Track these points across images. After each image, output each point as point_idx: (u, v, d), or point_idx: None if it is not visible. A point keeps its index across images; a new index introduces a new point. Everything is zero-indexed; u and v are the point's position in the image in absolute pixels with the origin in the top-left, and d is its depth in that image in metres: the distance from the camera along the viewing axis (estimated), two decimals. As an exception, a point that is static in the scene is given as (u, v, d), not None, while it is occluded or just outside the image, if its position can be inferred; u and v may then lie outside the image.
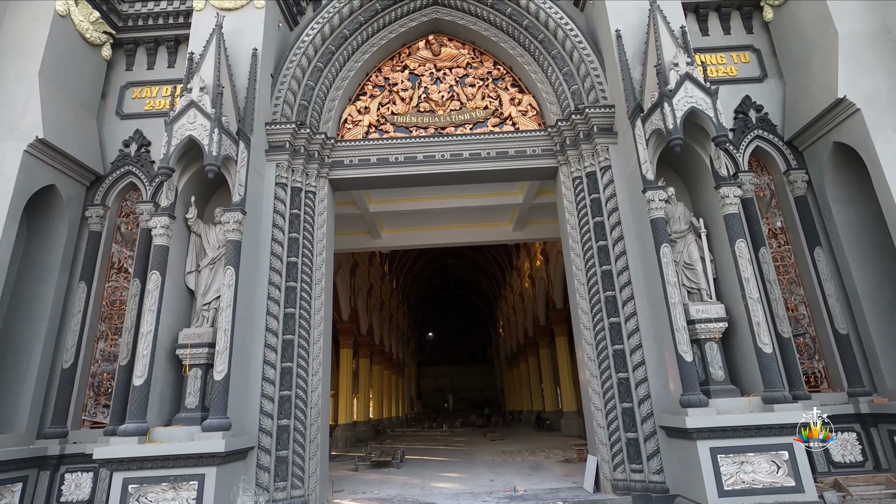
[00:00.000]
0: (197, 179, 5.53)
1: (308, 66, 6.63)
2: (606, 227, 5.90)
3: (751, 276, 4.93)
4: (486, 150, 6.67)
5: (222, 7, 6.23)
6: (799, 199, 6.23)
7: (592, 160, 6.18)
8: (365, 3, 6.90)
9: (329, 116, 6.79)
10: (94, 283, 6.18)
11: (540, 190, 8.95)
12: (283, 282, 5.82)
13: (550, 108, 6.76)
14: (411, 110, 7.11)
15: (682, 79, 5.14)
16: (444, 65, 7.32)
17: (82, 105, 6.49)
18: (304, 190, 6.27)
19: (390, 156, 6.69)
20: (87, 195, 6.46)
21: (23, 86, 5.74)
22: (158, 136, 6.57)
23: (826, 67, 5.77)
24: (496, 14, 6.98)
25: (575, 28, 6.51)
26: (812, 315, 6.02)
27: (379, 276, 20.20)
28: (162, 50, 7.22)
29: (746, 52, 6.90)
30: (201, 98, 5.28)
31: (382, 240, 10.93)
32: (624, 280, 5.67)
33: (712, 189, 5.27)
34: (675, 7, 5.99)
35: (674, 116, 4.97)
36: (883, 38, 5.65)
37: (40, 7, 6.13)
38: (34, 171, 5.65)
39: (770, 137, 6.42)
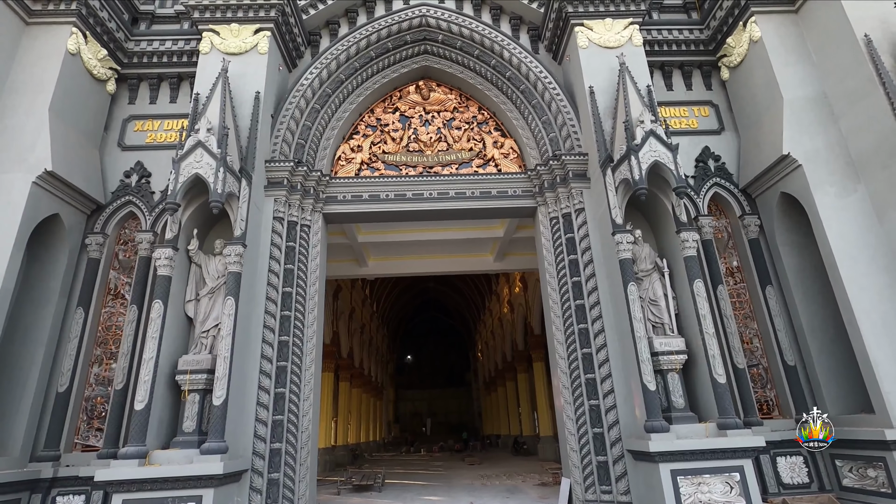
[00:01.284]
0: (199, 213, 5.88)
1: (306, 107, 7.09)
2: (580, 265, 6.43)
3: (707, 313, 5.49)
4: (470, 190, 7.20)
5: (227, 52, 6.67)
6: (752, 241, 6.87)
7: (568, 202, 6.74)
8: (361, 51, 7.44)
9: (324, 154, 7.24)
10: (92, 309, 6.39)
11: (520, 225, 9.51)
12: (279, 311, 6.15)
13: (530, 153, 7.36)
14: (401, 150, 7.61)
15: (647, 135, 5.77)
16: (433, 108, 7.88)
17: (87, 137, 6.79)
18: (299, 223, 6.66)
19: (381, 193, 7.15)
20: (87, 223, 6.70)
21: (33, 120, 6.04)
22: (158, 167, 6.98)
23: (773, 126, 6.49)
24: (482, 65, 7.60)
25: (553, 81, 7.15)
26: (764, 348, 6.61)
27: (361, 300, 20.44)
28: (164, 86, 7.59)
29: (706, 106, 7.63)
30: (208, 139, 5.68)
31: (369, 268, 11.32)
32: (595, 314, 6.18)
33: (674, 232, 5.87)
34: (642, 67, 6.67)
35: (640, 168, 5.57)
36: (821, 102, 6.40)
37: (52, 45, 6.46)
38: (41, 201, 5.92)
39: (727, 185, 7.09)
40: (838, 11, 6.19)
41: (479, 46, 7.52)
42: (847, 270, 5.59)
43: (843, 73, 6.14)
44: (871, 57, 5.76)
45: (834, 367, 6.11)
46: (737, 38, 7.15)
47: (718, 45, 7.49)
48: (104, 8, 6.89)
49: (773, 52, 6.64)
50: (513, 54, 7.35)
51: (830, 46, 6.32)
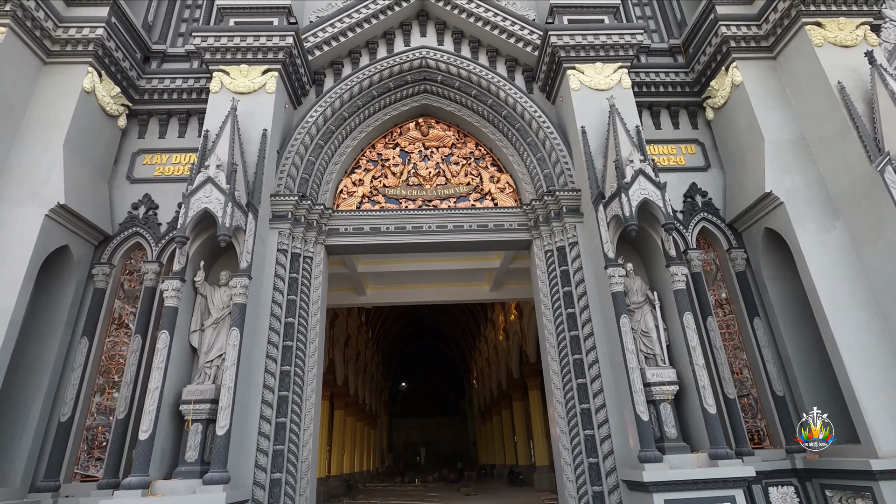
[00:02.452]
0: (206, 245, 6.07)
1: (310, 143, 7.39)
2: (574, 297, 6.65)
3: (697, 344, 5.69)
4: (468, 223, 7.46)
5: (237, 91, 6.98)
6: (739, 274, 7.13)
7: (562, 236, 7.00)
8: (363, 90, 7.80)
9: (327, 188, 7.50)
10: (96, 338, 6.50)
11: (516, 256, 9.76)
12: (281, 341, 6.29)
13: (525, 188, 7.66)
14: (401, 184, 7.90)
15: (637, 174, 6.07)
16: (432, 144, 8.21)
17: (97, 170, 7.02)
18: (302, 255, 6.86)
19: (382, 225, 7.39)
20: (94, 254, 6.87)
21: (48, 155, 6.26)
22: (165, 199, 7.20)
23: (756, 165, 6.84)
24: (479, 104, 7.96)
25: (547, 120, 7.51)
26: (754, 378, 6.79)
27: (356, 327, 20.47)
28: (174, 121, 7.87)
29: (693, 144, 8.00)
30: (217, 175, 5.92)
31: (367, 296, 11.48)
32: (590, 345, 6.37)
33: (664, 266, 6.11)
34: (631, 109, 7.02)
35: (630, 205, 5.85)
36: (800, 144, 6.76)
37: (69, 84, 6.73)
38: (52, 233, 6.10)
39: (714, 220, 7.38)
40: (813, 60, 6.61)
41: (477, 87, 7.90)
42: (829, 304, 5.83)
43: (820, 118, 6.53)
44: (845, 103, 6.14)
45: (821, 398, 6.27)
46: (720, 82, 7.57)
47: (703, 87, 7.91)
48: (119, 48, 7.22)
49: (754, 95, 7.04)
50: (508, 94, 7.73)
51: (807, 92, 6.73)
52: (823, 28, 6.77)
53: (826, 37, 6.70)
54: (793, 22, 6.90)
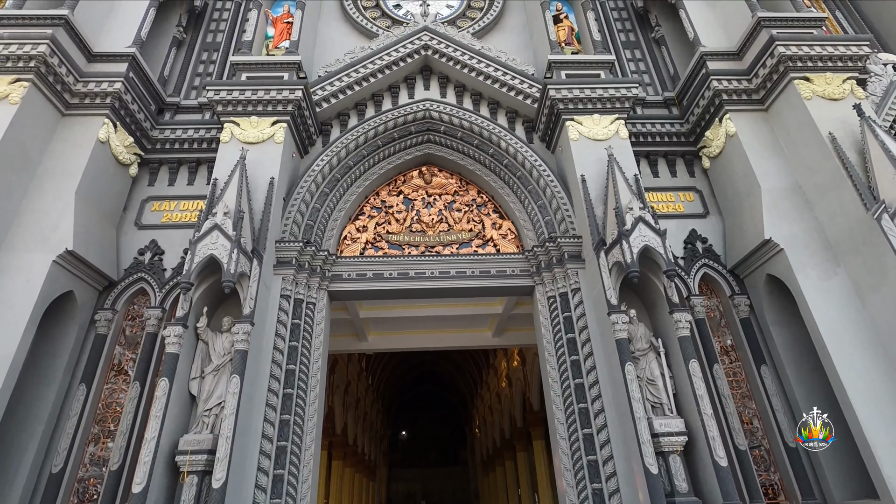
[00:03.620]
0: (209, 291, 6.10)
1: (316, 191, 7.55)
2: (578, 344, 6.59)
3: (704, 393, 5.59)
4: (470, 269, 7.50)
5: (246, 141, 7.20)
6: (744, 320, 7.08)
7: (564, 282, 7.02)
8: (368, 140, 8.04)
9: (331, 234, 7.60)
10: (94, 386, 6.41)
11: (518, 301, 9.74)
12: (281, 388, 6.20)
13: (527, 234, 7.75)
14: (404, 230, 8.00)
15: (637, 221, 6.17)
16: (435, 191, 8.38)
17: (107, 216, 7.14)
18: (305, 301, 6.86)
19: (385, 271, 7.44)
20: (98, 299, 6.90)
21: (60, 203, 6.39)
22: (171, 245, 7.29)
23: (754, 212, 6.94)
24: (481, 153, 8.19)
25: (547, 169, 7.69)
26: (765, 428, 6.61)
27: (357, 373, 20.13)
28: (183, 169, 8.07)
29: (691, 192, 8.13)
30: (224, 222, 6.03)
31: (368, 342, 11.37)
32: (595, 393, 6.26)
33: (668, 313, 6.09)
34: (629, 158, 7.20)
35: (631, 252, 5.91)
36: (797, 192, 6.89)
37: (85, 134, 6.96)
38: (58, 279, 6.15)
39: (715, 266, 7.41)
40: (803, 112, 6.85)
41: (479, 137, 8.15)
42: (836, 352, 5.77)
43: (813, 167, 6.68)
44: (838, 153, 6.30)
45: (836, 449, 6.06)
46: (714, 132, 7.80)
47: (698, 137, 8.15)
48: (135, 101, 7.52)
49: (748, 146, 7.23)
50: (509, 144, 7.96)
51: (799, 142, 6.92)
52: (811, 82, 7.04)
53: (814, 90, 6.96)
54: (781, 77, 7.19)
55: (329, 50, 9.04)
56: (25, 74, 6.53)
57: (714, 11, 8.64)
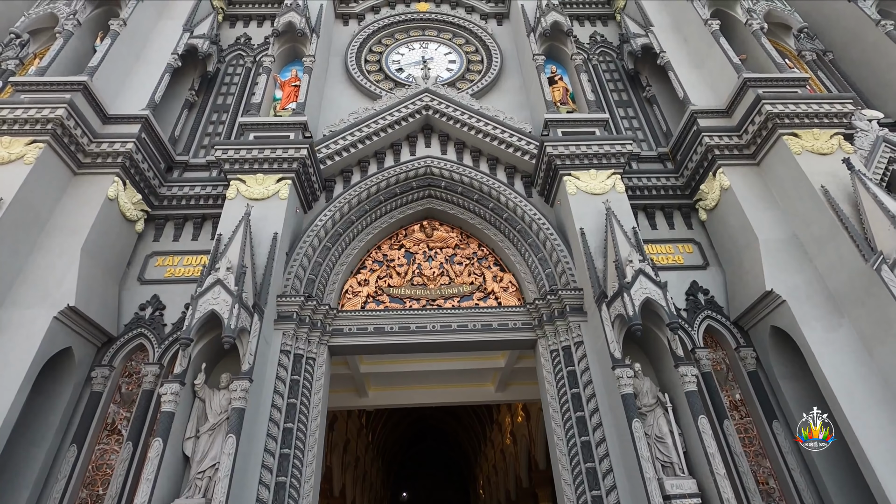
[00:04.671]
0: (209, 347, 6.05)
1: (318, 245, 7.64)
2: (583, 399, 6.44)
3: (715, 451, 5.40)
4: (472, 323, 7.45)
5: (251, 197, 7.36)
6: (751, 373, 6.95)
7: (567, 335, 6.95)
8: (371, 195, 8.23)
9: (333, 288, 7.62)
10: (85, 447, 6.22)
11: (521, 355, 9.60)
12: (278, 448, 6.00)
13: (528, 287, 7.76)
14: (406, 284, 8.02)
15: (637, 273, 6.19)
16: (436, 245, 8.47)
17: (110, 272, 7.19)
18: (305, 357, 6.78)
19: (386, 325, 7.39)
20: (96, 355, 6.82)
21: (65, 259, 6.46)
22: (173, 300, 7.29)
23: (753, 264, 6.96)
24: (481, 207, 8.34)
25: (546, 222, 7.81)
26: (781, 489, 6.33)
27: (356, 430, 19.51)
28: (189, 225, 8.19)
29: (689, 244, 8.19)
30: (227, 277, 6.06)
31: (369, 398, 11.11)
32: (602, 452, 6.04)
33: (673, 366, 5.98)
34: (627, 211, 7.31)
35: (632, 305, 5.89)
36: (794, 243, 6.95)
37: (94, 192, 7.12)
38: (57, 335, 6.11)
39: (718, 318, 7.35)
40: (794, 166, 7.03)
41: (479, 192, 8.33)
42: (848, 406, 5.62)
43: (808, 219, 6.78)
44: (832, 206, 6.40)
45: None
46: (709, 186, 7.96)
47: (693, 190, 8.32)
48: (146, 160, 7.76)
49: (743, 199, 7.37)
50: (509, 198, 8.12)
51: (793, 195, 7.06)
52: (800, 138, 7.27)
53: (803, 145, 7.18)
54: (770, 133, 7.44)
55: (334, 111, 9.42)
56: (42, 136, 6.79)
57: (701, 72, 9.06)
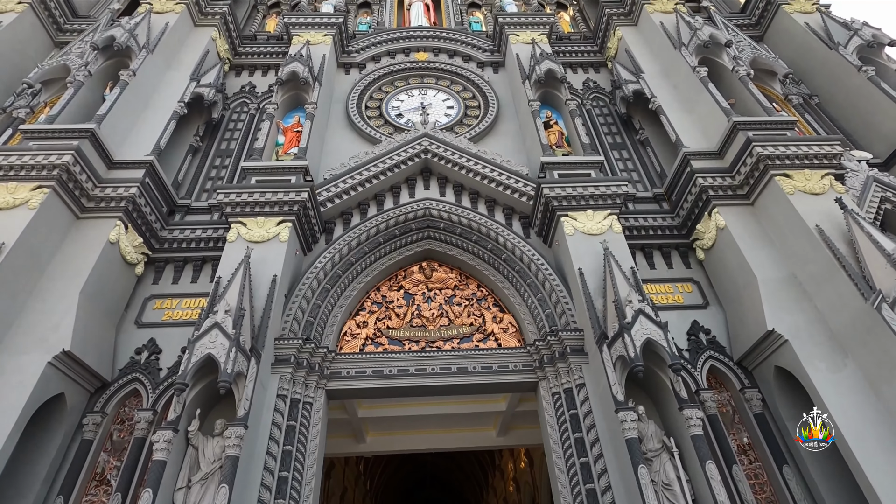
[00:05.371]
0: (204, 392, 5.93)
1: (318, 287, 7.64)
2: (586, 444, 6.27)
3: (725, 499, 5.21)
4: (472, 365, 7.35)
5: (252, 240, 7.41)
6: (758, 416, 6.79)
7: (568, 377, 6.85)
8: (371, 237, 8.29)
9: (331, 330, 7.56)
10: (72, 498, 6.01)
11: (522, 398, 9.41)
12: (272, 499, 5.78)
13: (528, 328, 7.70)
14: (405, 325, 7.97)
15: (637, 314, 6.16)
16: (435, 286, 8.46)
17: (108, 316, 7.14)
18: (302, 401, 6.65)
19: (385, 368, 7.28)
20: (88, 402, 6.69)
21: (63, 304, 6.43)
22: (170, 344, 7.21)
23: (753, 302, 6.94)
24: (479, 248, 8.40)
25: (545, 262, 7.83)
26: (797, 540, 6.07)
27: (354, 478, 18.83)
28: (188, 267, 8.20)
29: (689, 283, 8.19)
30: (224, 320, 6.02)
31: (367, 444, 10.79)
32: (608, 500, 5.82)
33: (677, 409, 5.86)
34: (624, 251, 7.36)
35: (633, 346, 5.83)
36: (793, 282, 6.96)
37: (96, 236, 7.17)
38: (50, 381, 6.02)
39: (721, 358, 7.25)
40: (788, 206, 7.13)
41: (477, 233, 8.41)
42: (858, 449, 5.47)
43: (805, 258, 6.82)
44: (828, 245, 6.45)
45: (877, 563, 5.55)
46: (705, 225, 8.04)
47: (690, 230, 8.39)
48: (148, 204, 7.87)
49: (740, 238, 7.43)
50: (507, 239, 8.19)
51: (788, 235, 7.12)
52: (792, 178, 7.41)
53: (796, 186, 7.31)
54: (763, 174, 7.59)
55: (335, 155, 9.62)
56: (47, 181, 6.91)
57: (692, 116, 9.33)
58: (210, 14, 11.52)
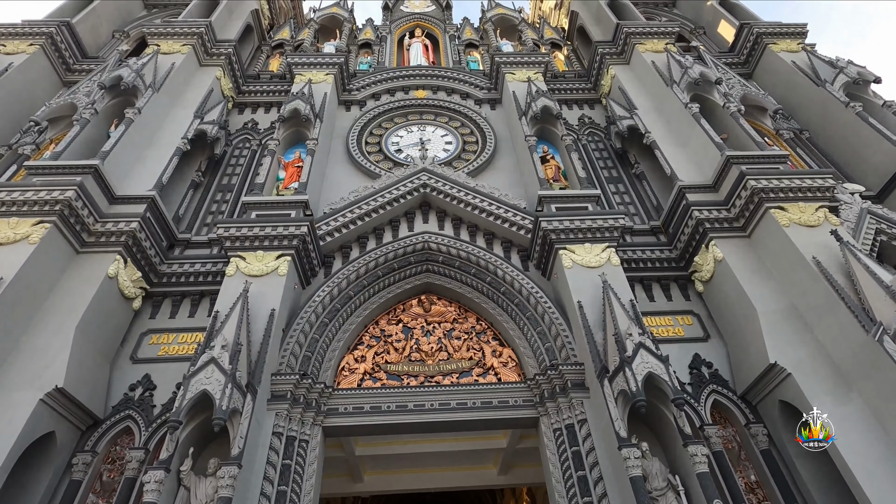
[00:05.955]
0: (198, 430, 5.81)
1: (316, 321, 7.59)
2: (589, 482, 6.09)
3: (736, 542, 5.03)
4: (471, 400, 7.22)
5: (251, 274, 7.41)
6: (764, 452, 6.63)
7: (570, 413, 6.72)
8: (369, 271, 8.30)
9: (329, 366, 7.47)
10: (57, 546, 5.80)
11: (523, 434, 9.21)
12: (265, 544, 5.59)
13: (528, 362, 7.61)
14: (403, 359, 7.88)
15: (637, 347, 6.10)
16: (434, 319, 8.41)
17: (103, 351, 7.06)
18: (297, 439, 6.49)
19: (383, 404, 7.15)
20: (79, 440, 6.53)
21: (58, 340, 6.37)
22: (164, 380, 7.11)
23: (754, 335, 6.89)
24: (478, 281, 8.39)
25: (544, 295, 7.81)
26: (813, 583, 5.83)
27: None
28: (186, 302, 8.17)
29: (689, 315, 8.14)
30: (221, 355, 5.95)
31: (364, 483, 10.47)
32: (615, 544, 5.63)
33: (682, 446, 5.72)
34: (623, 284, 7.36)
35: (635, 380, 5.75)
36: (794, 314, 6.92)
37: (94, 271, 7.18)
38: (42, 419, 5.89)
39: (725, 392, 7.13)
40: (784, 239, 7.18)
41: (476, 266, 8.42)
42: (869, 488, 5.32)
43: (804, 290, 6.81)
44: (826, 277, 6.46)
45: None
46: (703, 258, 8.07)
47: (688, 262, 8.41)
48: (148, 238, 7.90)
49: (738, 270, 7.45)
50: (506, 272, 8.19)
51: (786, 267, 7.14)
52: (787, 211, 7.50)
53: (791, 218, 7.38)
54: (757, 207, 7.68)
55: (335, 189, 9.74)
56: (49, 217, 6.97)
57: (685, 150, 9.51)
58: (215, 54, 11.89)
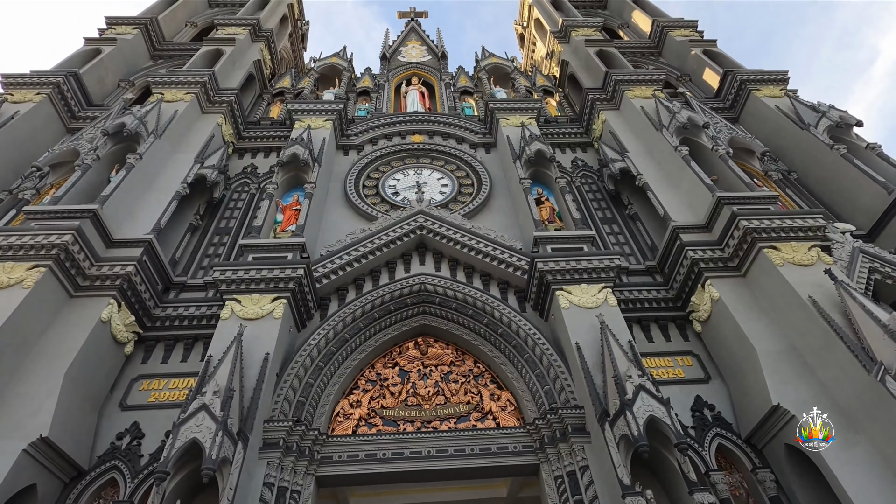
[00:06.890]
0: (186, 480, 5.59)
1: (311, 365, 7.46)
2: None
3: None
4: (470, 447, 7.01)
5: (246, 317, 7.34)
6: (773, 499, 6.39)
7: (571, 459, 6.51)
8: (366, 313, 8.24)
9: (323, 411, 7.29)
10: None
11: (524, 482, 8.89)
12: None
13: (527, 405, 7.45)
14: (400, 404, 7.70)
15: (638, 389, 6.00)
16: (431, 362, 8.28)
17: (91, 399, 6.88)
18: (289, 490, 6.24)
19: (378, 452, 6.93)
20: (61, 493, 6.26)
21: (46, 386, 6.22)
22: (153, 428, 6.90)
23: (755, 376, 6.79)
24: (475, 323, 8.32)
25: (542, 337, 7.74)
26: None
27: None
28: (179, 346, 8.04)
29: (688, 356, 8.06)
30: (213, 401, 5.81)
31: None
32: None
33: (687, 493, 5.52)
34: (621, 325, 7.31)
35: (637, 424, 5.62)
36: (793, 353, 6.86)
37: (87, 315, 7.09)
38: (23, 471, 5.67)
39: (729, 436, 6.96)
40: (779, 278, 7.21)
41: (473, 307, 8.37)
42: (886, 539, 5.13)
43: (802, 329, 6.79)
44: (824, 317, 6.44)
45: None
46: (699, 297, 8.07)
47: (685, 302, 8.40)
48: (143, 282, 7.87)
49: (735, 309, 7.43)
50: (503, 314, 8.14)
51: (782, 306, 7.14)
52: (780, 250, 7.57)
53: (784, 258, 7.44)
54: (751, 247, 7.75)
55: (332, 232, 9.80)
56: (44, 261, 6.96)
57: (677, 191, 9.68)
58: (217, 102, 12.24)
